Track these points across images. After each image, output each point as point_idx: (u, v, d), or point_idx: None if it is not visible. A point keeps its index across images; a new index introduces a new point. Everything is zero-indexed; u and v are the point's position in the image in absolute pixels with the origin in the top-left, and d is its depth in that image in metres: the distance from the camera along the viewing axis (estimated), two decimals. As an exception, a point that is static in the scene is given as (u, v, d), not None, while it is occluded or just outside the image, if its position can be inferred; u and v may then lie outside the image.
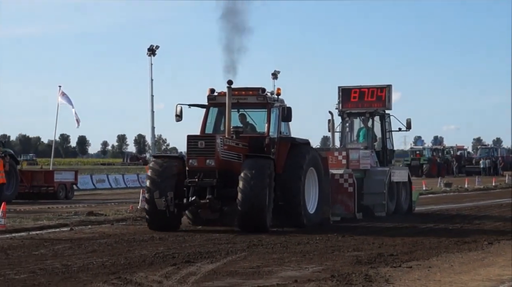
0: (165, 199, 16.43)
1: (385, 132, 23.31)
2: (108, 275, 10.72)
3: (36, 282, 10.16)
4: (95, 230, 17.49)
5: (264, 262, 12.24)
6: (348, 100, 23.34)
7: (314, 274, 11.04)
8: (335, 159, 21.00)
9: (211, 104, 18.60)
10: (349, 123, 23.63)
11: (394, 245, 14.73)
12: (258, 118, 18.69)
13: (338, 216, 19.96)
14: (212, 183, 16.83)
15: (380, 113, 23.22)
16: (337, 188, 20.09)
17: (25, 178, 31.13)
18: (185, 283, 10.14)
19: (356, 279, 10.38)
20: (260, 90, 18.37)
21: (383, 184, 21.65)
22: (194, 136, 17.39)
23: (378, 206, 21.59)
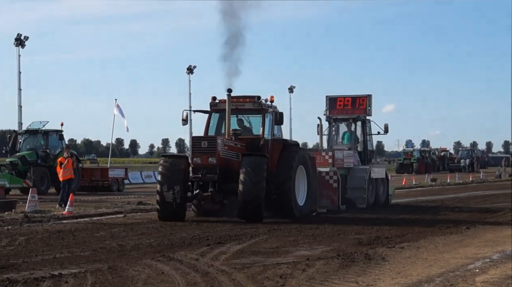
0: (172, 192, 15.95)
1: (366, 136, 22.79)
2: (154, 253, 10.77)
3: (97, 258, 10.24)
4: (144, 217, 17.56)
5: (282, 243, 12.22)
6: (334, 107, 22.82)
7: (323, 253, 11.01)
8: (322, 158, 20.69)
9: (213, 110, 18.03)
10: (335, 127, 23.12)
11: (389, 230, 14.65)
12: (254, 122, 18.21)
13: (324, 208, 19.48)
14: (214, 178, 16.29)
15: (362, 119, 22.64)
16: (323, 183, 19.64)
17: (86, 174, 31.34)
18: (217, 260, 10.16)
19: (358, 258, 10.35)
20: (256, 98, 17.76)
21: (364, 180, 21.20)
22: (198, 137, 16.94)
23: (359, 199, 21.12)
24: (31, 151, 29.41)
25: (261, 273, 9.01)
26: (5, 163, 28.80)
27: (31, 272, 8.83)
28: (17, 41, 46.23)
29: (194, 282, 8.39)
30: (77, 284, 8.15)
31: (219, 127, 17.94)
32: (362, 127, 22.73)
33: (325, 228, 14.90)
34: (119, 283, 8.28)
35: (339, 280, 8.62)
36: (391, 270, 9.38)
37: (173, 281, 8.44)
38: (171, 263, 9.77)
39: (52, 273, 8.69)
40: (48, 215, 17.44)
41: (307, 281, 8.50)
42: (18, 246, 11.59)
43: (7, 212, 17.62)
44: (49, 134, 29.98)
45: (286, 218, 16.66)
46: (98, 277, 8.60)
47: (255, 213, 16.01)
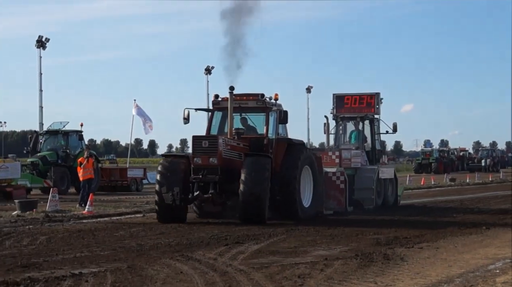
0: (171, 194, 15.37)
1: (374, 135, 22.19)
2: (173, 253, 10.80)
3: (117, 257, 10.30)
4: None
5: (300, 243, 12.20)
6: (341, 106, 22.18)
7: (341, 253, 10.98)
8: (329, 158, 20.07)
9: (216, 108, 17.45)
10: (343, 126, 22.42)
11: (408, 230, 14.56)
12: (258, 121, 17.51)
13: (331, 209, 18.85)
14: (215, 179, 15.69)
15: (370, 117, 22.02)
16: (330, 184, 19.03)
17: (105, 174, 31.51)
18: (235, 260, 10.16)
19: (376, 258, 10.30)
20: (259, 96, 17.17)
21: (372, 180, 20.60)
22: (198, 137, 16.13)
23: (367, 200, 20.49)
24: (52, 151, 29.66)
25: (279, 272, 9.01)
26: (26, 163, 29.07)
27: (52, 271, 8.91)
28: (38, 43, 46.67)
29: (213, 281, 8.41)
30: (97, 283, 8.21)
31: (222, 126, 17.39)
32: (370, 126, 22.23)
33: (343, 228, 14.85)
34: (138, 282, 8.32)
35: (358, 280, 8.59)
36: (410, 270, 9.33)
37: (192, 280, 8.47)
38: (190, 263, 9.79)
39: (72, 272, 8.76)
40: (69, 214, 17.58)
41: (325, 281, 8.48)
42: (39, 245, 11.70)
43: (28, 212, 17.79)
44: (69, 134, 30.22)
45: (290, 220, 16.11)
46: (118, 276, 8.65)
47: (257, 214, 15.41)
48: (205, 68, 61.84)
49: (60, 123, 30.78)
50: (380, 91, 22.66)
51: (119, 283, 8.21)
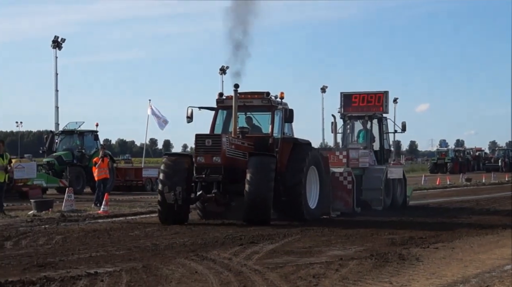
0: (173, 193, 14.97)
1: (382, 134, 21.72)
2: (188, 253, 10.82)
3: (132, 257, 10.33)
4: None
5: (315, 243, 12.18)
6: (349, 105, 21.73)
7: (356, 253, 10.94)
8: (336, 158, 19.55)
9: (220, 107, 17.00)
10: (350, 125, 21.99)
11: (423, 230, 14.49)
12: (263, 120, 17.10)
13: (338, 211, 18.33)
14: (218, 178, 15.29)
15: (378, 116, 21.61)
16: (337, 185, 18.50)
17: (120, 174, 31.65)
18: (250, 260, 10.16)
19: (391, 258, 10.26)
20: (264, 94, 16.71)
21: (380, 180, 20.14)
22: (201, 135, 15.64)
23: (375, 200, 20.04)
24: (67, 151, 29.86)
25: (294, 272, 9.00)
26: (42, 163, 29.29)
27: (68, 271, 8.96)
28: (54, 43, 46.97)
29: (227, 281, 8.42)
30: (113, 282, 8.24)
31: (226, 125, 16.98)
32: (378, 125, 21.73)
33: (358, 228, 14.81)
34: (153, 282, 8.35)
35: (373, 280, 8.56)
36: (426, 270, 9.28)
37: (207, 280, 8.48)
38: (205, 262, 9.81)
39: (88, 272, 8.80)
40: (84, 214, 17.68)
41: (340, 281, 8.46)
42: (55, 245, 11.77)
43: (44, 211, 17.92)
44: (85, 134, 30.40)
45: (296, 221, 15.76)
46: (133, 275, 8.68)
47: (262, 215, 15.08)
48: (220, 68, 62.00)
49: (76, 124, 30.98)
50: (389, 90, 22.31)
51: (134, 283, 8.24)
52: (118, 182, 30.84)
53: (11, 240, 12.29)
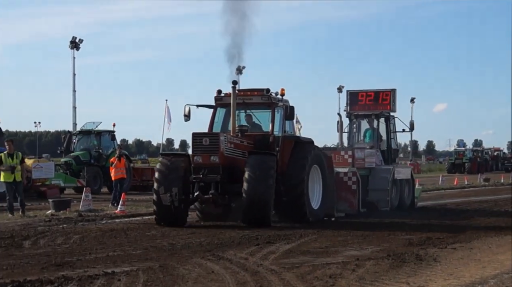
0: (170, 195, 14.44)
1: (389, 133, 21.05)
2: (204, 252, 10.84)
3: (149, 257, 10.38)
4: (194, 216, 17.64)
5: (331, 243, 12.16)
6: (355, 103, 21.09)
7: (373, 253, 10.91)
8: (341, 157, 18.93)
9: (218, 104, 16.41)
10: (356, 124, 21.28)
11: (440, 230, 14.41)
12: (264, 118, 16.44)
13: (342, 212, 17.75)
14: (216, 178, 14.71)
15: (385, 115, 20.96)
16: (341, 185, 17.90)
17: (137, 174, 31.76)
18: (266, 259, 10.17)
19: (408, 258, 10.21)
20: (264, 91, 16.09)
21: (387, 181, 19.51)
22: (198, 134, 15.05)
23: (382, 201, 19.44)
24: (85, 151, 30.04)
25: (311, 273, 8.99)
26: (60, 163, 29.50)
27: (85, 270, 9.02)
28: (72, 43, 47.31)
29: (244, 281, 8.43)
30: (130, 282, 8.28)
31: (225, 124, 16.34)
32: (385, 124, 21.07)
33: (374, 229, 14.75)
34: (170, 281, 8.38)
35: (390, 280, 8.53)
36: (443, 271, 9.23)
37: (223, 280, 8.50)
38: (221, 262, 9.82)
39: (105, 271, 8.85)
40: (101, 214, 17.78)
41: (357, 282, 8.43)
42: (73, 244, 11.86)
43: (62, 211, 18.05)
44: (102, 134, 30.57)
45: (298, 222, 15.28)
46: (150, 275, 8.71)
47: (262, 216, 14.52)
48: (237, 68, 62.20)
49: (93, 124, 31.16)
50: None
51: (151, 282, 8.27)
52: (135, 182, 30.96)
53: (29, 239, 12.40)
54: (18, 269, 9.12)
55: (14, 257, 10.29)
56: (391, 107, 21.04)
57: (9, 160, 17.11)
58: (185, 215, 15.17)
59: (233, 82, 15.56)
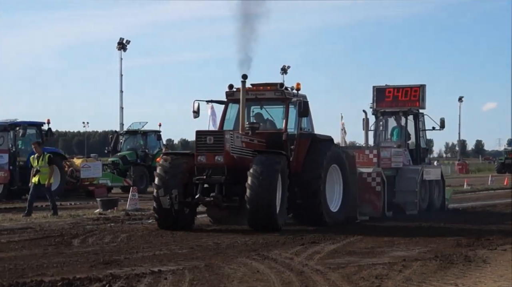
0: (169, 197, 13.45)
1: (418, 131, 20.03)
2: (249, 252, 10.88)
3: (194, 256, 10.47)
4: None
5: (377, 244, 12.04)
6: (382, 99, 20.01)
7: (420, 254, 10.77)
8: (366, 157, 17.90)
9: (230, 100, 15.39)
10: (383, 122, 20.27)
11: (490, 231, 14.12)
12: (278, 114, 15.43)
13: (366, 215, 16.64)
14: (220, 180, 13.67)
15: (414, 112, 19.90)
16: (364, 186, 16.75)
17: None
18: (311, 259, 10.14)
19: (457, 259, 10.05)
20: (278, 85, 15.15)
21: (415, 182, 18.47)
22: (202, 132, 14.09)
23: (409, 204, 18.38)
24: (131, 151, 30.49)
25: (356, 273, 8.93)
26: (107, 163, 30.01)
27: (133, 268, 9.15)
28: (120, 45, 48.06)
29: (289, 281, 8.42)
30: (176, 280, 8.37)
31: (238, 121, 15.15)
32: (414, 121, 20.01)
33: (421, 229, 14.56)
34: (216, 280, 8.44)
35: (437, 282, 8.41)
36: (493, 272, 9.05)
37: (268, 279, 8.51)
38: (266, 262, 9.84)
39: (152, 270, 8.96)
40: (148, 213, 17.97)
41: (403, 283, 8.34)
42: (120, 243, 12.04)
43: (109, 210, 18.36)
44: (148, 134, 30.97)
45: (315, 226, 14.40)
46: (196, 274, 8.79)
47: (267, 220, 13.45)
48: (281, 67, 62.04)
49: (139, 124, 31.59)
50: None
51: (197, 281, 8.34)
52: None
53: (78, 238, 12.65)
54: (67, 267, 9.32)
55: (63, 255, 10.52)
56: (420, 104, 19.99)
57: (35, 162, 17.31)
58: (190, 218, 14.23)
59: (243, 76, 14.48)
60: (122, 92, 47.83)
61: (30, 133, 25.50)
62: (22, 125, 24.60)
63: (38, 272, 8.86)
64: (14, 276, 8.51)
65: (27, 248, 11.32)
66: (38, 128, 25.89)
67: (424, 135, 20.57)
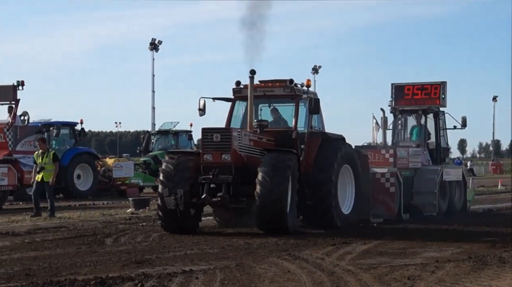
0: (174, 197, 12.82)
1: (439, 130, 19.13)
2: (280, 252, 10.87)
3: (225, 256, 10.51)
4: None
5: (409, 245, 11.92)
6: (401, 97, 19.20)
7: (453, 255, 10.64)
8: (382, 157, 17.12)
9: (237, 97, 14.79)
10: (402, 121, 19.43)
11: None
12: (288, 112, 14.83)
13: (380, 217, 15.93)
14: (228, 179, 13.05)
15: (434, 110, 19.01)
16: (378, 187, 16.01)
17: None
18: (342, 260, 10.10)
19: (491, 260, 9.90)
20: (287, 82, 14.51)
21: (434, 183, 17.58)
22: (209, 129, 13.42)
23: (428, 205, 17.59)
24: (163, 151, 30.64)
25: (388, 274, 8.86)
26: (139, 162, 30.28)
27: (164, 268, 9.22)
28: (152, 45, 48.44)
29: (320, 281, 8.40)
30: (207, 280, 8.41)
31: (246, 119, 14.58)
32: (434, 120, 19.14)
33: (454, 229, 14.40)
34: (247, 280, 8.45)
35: (471, 283, 8.30)
36: (528, 274, 8.90)
37: (299, 279, 8.50)
38: (297, 262, 9.83)
39: (183, 269, 9.02)
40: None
41: (436, 284, 8.25)
42: (152, 242, 12.14)
43: (141, 209, 18.51)
44: (179, 134, 31.14)
45: (326, 228, 13.84)
46: (227, 274, 8.82)
47: (277, 222, 12.90)
48: (312, 67, 61.99)
49: (171, 124, 31.79)
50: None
51: (228, 281, 8.37)
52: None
53: (111, 237, 12.79)
54: (100, 266, 9.43)
55: (96, 254, 10.65)
56: (441, 101, 19.01)
57: (39, 159, 16.66)
58: (196, 220, 13.65)
59: (251, 72, 13.89)
60: (154, 92, 48.31)
61: (63, 133, 25.93)
62: (56, 126, 24.98)
63: (72, 270, 8.99)
64: (48, 275, 8.65)
65: (61, 247, 11.50)
66: (72, 128, 26.29)
67: (445, 134, 19.66)
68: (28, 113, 23.80)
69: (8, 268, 9.17)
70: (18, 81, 22.46)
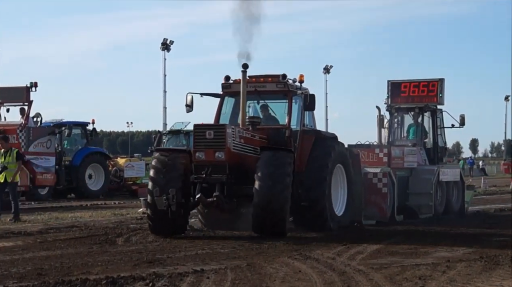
0: (166, 198, 12.07)
1: (436, 129, 18.57)
2: (291, 252, 10.86)
3: (236, 255, 10.52)
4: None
5: (420, 245, 11.87)
6: (397, 94, 18.61)
7: (464, 255, 10.59)
8: (376, 156, 16.51)
9: (226, 93, 14.06)
10: (398, 119, 18.89)
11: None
12: (280, 109, 14.19)
13: (372, 219, 15.46)
14: (222, 179, 12.45)
15: (431, 108, 18.51)
16: (370, 188, 15.43)
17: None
18: (354, 260, 10.08)
19: (502, 260, 9.84)
20: (280, 77, 13.80)
21: (430, 183, 17.00)
22: (201, 126, 12.82)
23: (424, 207, 16.99)
24: (174, 151, 30.73)
25: (399, 273, 8.84)
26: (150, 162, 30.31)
27: (175, 267, 9.24)
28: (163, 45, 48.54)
29: (331, 281, 8.39)
30: (218, 280, 8.42)
31: (235, 115, 14.01)
32: (431, 118, 18.62)
33: (466, 230, 14.33)
34: (258, 280, 8.45)
35: (482, 283, 8.26)
36: (540, 275, 8.84)
37: (310, 279, 8.49)
38: (308, 262, 9.82)
39: (194, 269, 9.03)
40: (191, 212, 18.10)
41: (447, 283, 8.22)
42: (163, 242, 12.15)
43: (152, 209, 18.50)
44: (190, 134, 31.06)
45: (319, 230, 13.29)
46: (238, 273, 8.82)
47: (276, 223, 12.23)
48: (324, 67, 61.93)
49: (182, 123, 31.80)
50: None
51: (239, 281, 8.37)
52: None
53: (122, 237, 12.82)
54: (112, 265, 9.46)
55: (108, 253, 10.68)
56: (438, 99, 18.43)
57: (2, 159, 15.62)
58: (184, 222, 13.01)
59: (243, 66, 13.14)
60: (165, 92, 48.38)
61: (75, 133, 26.05)
62: (68, 126, 25.09)
63: (83, 270, 9.03)
64: (60, 274, 8.69)
65: (73, 246, 11.55)
66: (83, 128, 26.41)
67: (442, 133, 19.05)
68: (40, 114, 23.93)
69: (20, 268, 9.22)
70: (31, 83, 22.57)
